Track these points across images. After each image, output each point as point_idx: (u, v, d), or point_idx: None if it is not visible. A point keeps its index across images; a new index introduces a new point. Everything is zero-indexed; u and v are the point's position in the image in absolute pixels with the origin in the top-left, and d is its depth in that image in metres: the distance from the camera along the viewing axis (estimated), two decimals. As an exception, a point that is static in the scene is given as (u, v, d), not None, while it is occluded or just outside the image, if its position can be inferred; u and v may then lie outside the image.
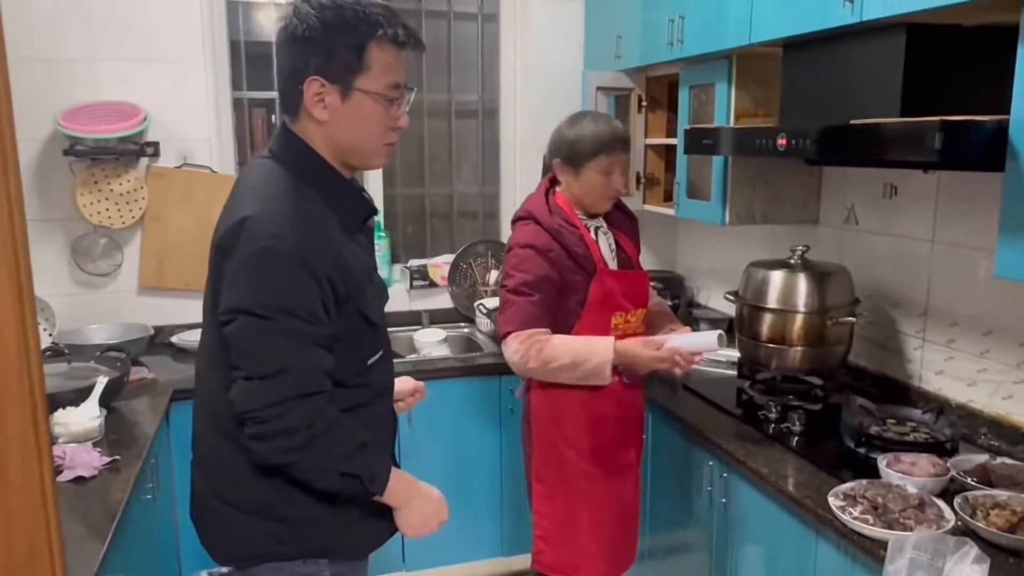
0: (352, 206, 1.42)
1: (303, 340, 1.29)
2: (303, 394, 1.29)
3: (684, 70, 2.59)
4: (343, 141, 1.37)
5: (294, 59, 1.32)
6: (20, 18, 2.56)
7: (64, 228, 2.73)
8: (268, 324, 1.26)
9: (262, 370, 1.27)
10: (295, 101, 1.34)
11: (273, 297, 1.26)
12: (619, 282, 1.99)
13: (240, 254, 1.27)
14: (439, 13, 3.24)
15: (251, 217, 1.27)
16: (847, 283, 2.19)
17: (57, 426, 1.89)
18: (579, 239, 1.95)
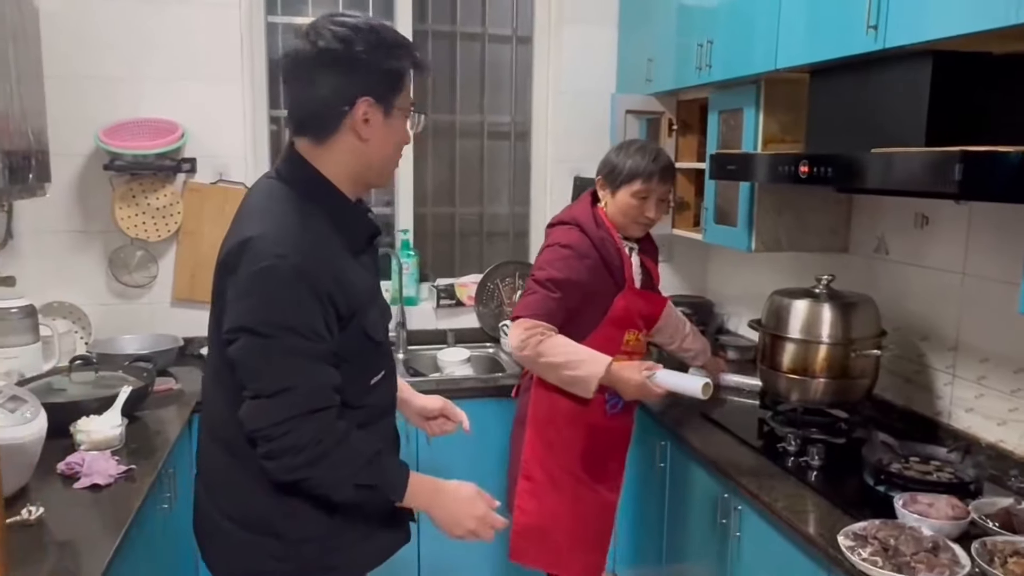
0: (356, 227, 1.44)
1: (307, 357, 1.30)
2: (310, 411, 1.30)
3: (714, 94, 2.57)
4: (377, 158, 1.40)
5: (341, 79, 1.33)
6: (69, 38, 2.67)
7: (103, 240, 2.82)
8: (271, 343, 1.28)
9: (267, 389, 1.29)
10: (333, 121, 1.35)
11: (276, 315, 1.28)
12: (642, 302, 2.11)
13: (243, 273, 1.29)
14: (474, 35, 3.27)
15: (255, 236, 1.29)
16: (873, 314, 2.13)
17: (79, 433, 1.93)
18: (617, 253, 2.06)
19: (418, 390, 2.65)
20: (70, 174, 2.75)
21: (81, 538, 1.55)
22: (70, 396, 2.10)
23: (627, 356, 2.08)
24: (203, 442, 1.50)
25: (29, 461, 1.70)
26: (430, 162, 3.29)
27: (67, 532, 1.57)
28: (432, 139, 3.29)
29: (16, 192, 2.31)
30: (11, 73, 2.21)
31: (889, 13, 1.65)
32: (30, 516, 1.57)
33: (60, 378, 2.22)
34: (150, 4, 2.74)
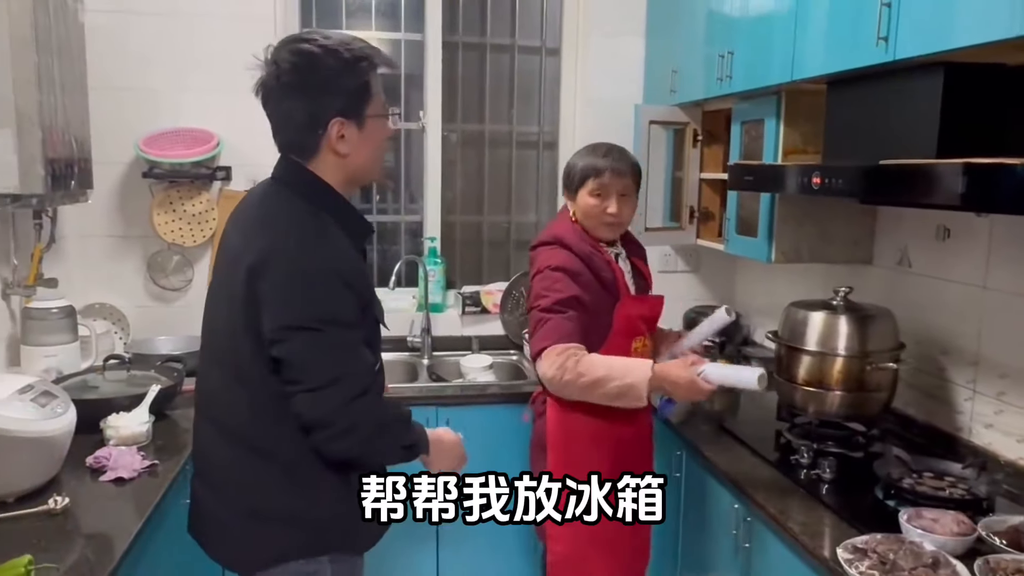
0: (356, 226, 1.55)
1: (351, 345, 1.44)
2: (362, 392, 1.44)
3: (737, 105, 2.57)
4: (361, 166, 1.52)
5: (311, 105, 1.43)
6: (113, 52, 2.79)
7: (141, 244, 2.93)
8: (320, 337, 1.40)
9: (323, 379, 1.41)
10: (312, 143, 1.47)
11: (320, 311, 1.40)
12: (641, 307, 2.08)
13: (278, 276, 1.39)
14: (503, 47, 3.32)
15: (282, 240, 1.41)
16: (891, 327, 2.11)
17: (109, 429, 2.02)
18: (607, 264, 2.04)
19: (441, 395, 2.75)
20: (112, 181, 2.87)
21: (102, 528, 1.63)
22: (102, 393, 2.19)
23: None
24: (212, 446, 1.56)
25: (58, 454, 1.78)
26: (459, 171, 3.35)
27: (89, 522, 1.65)
28: (461, 148, 3.34)
29: (59, 198, 2.43)
30: (56, 85, 2.33)
31: (899, 25, 1.64)
32: (56, 506, 1.65)
33: (95, 376, 2.32)
34: (188, 19, 2.85)
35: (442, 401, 2.73)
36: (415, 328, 3.13)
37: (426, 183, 3.25)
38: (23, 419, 1.67)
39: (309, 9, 3.12)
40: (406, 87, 3.26)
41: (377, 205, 3.39)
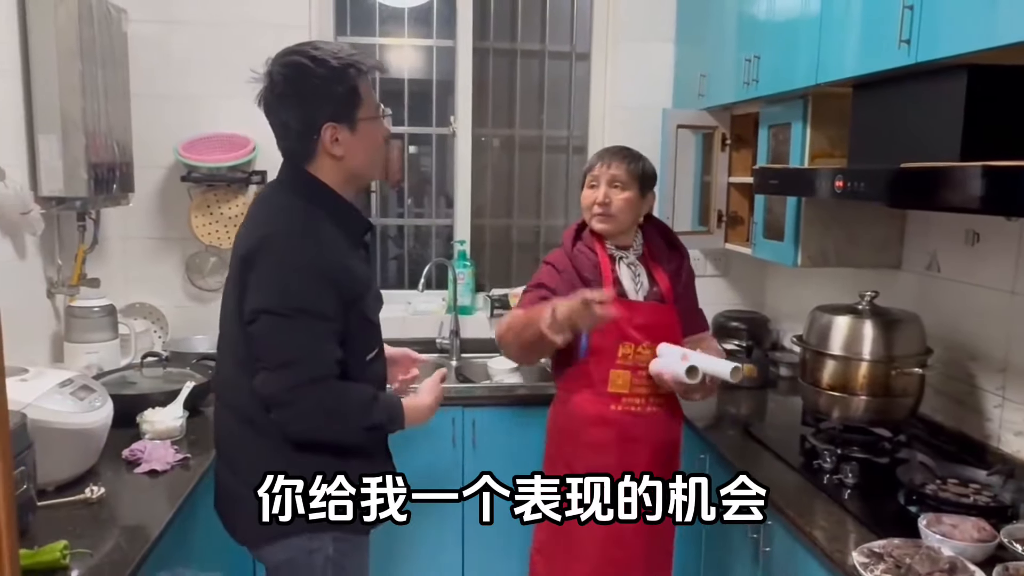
0: (353, 224, 1.66)
1: (316, 335, 1.53)
2: (311, 379, 1.52)
3: (764, 109, 2.57)
4: (357, 167, 1.63)
5: (303, 114, 1.56)
6: (154, 60, 2.89)
7: (180, 246, 3.02)
8: (285, 322, 1.51)
9: (279, 360, 1.52)
10: (309, 148, 1.59)
11: (293, 299, 1.51)
12: (628, 312, 2.00)
13: (262, 265, 1.52)
14: (533, 52, 3.36)
15: (271, 234, 1.53)
16: (917, 332, 2.09)
17: (144, 423, 2.10)
18: (594, 266, 2.04)
19: (469, 396, 2.78)
20: (153, 185, 2.96)
21: (135, 518, 1.69)
22: (139, 389, 2.28)
23: (630, 371, 2.01)
24: (224, 422, 1.70)
25: (95, 446, 1.86)
26: (489, 175, 3.39)
27: (123, 511, 1.72)
28: (491, 153, 3.38)
29: (101, 201, 2.52)
30: (99, 92, 2.43)
31: (921, 27, 1.63)
32: (92, 495, 1.72)
33: (133, 372, 2.40)
34: (226, 27, 2.94)
35: (469, 402, 2.76)
36: (444, 330, 3.18)
37: (456, 187, 3.30)
38: (62, 411, 1.74)
39: (343, 17, 3.20)
40: (437, 92, 3.31)
41: (410, 209, 3.45)
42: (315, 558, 1.61)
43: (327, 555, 1.62)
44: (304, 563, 1.61)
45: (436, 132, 3.32)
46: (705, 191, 3.01)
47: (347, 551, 1.64)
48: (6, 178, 2.13)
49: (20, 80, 2.26)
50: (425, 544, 2.73)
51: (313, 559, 1.61)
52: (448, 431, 2.70)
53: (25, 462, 1.56)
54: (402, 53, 3.34)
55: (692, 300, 2.19)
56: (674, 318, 2.08)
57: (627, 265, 2.07)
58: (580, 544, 2.04)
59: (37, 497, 1.65)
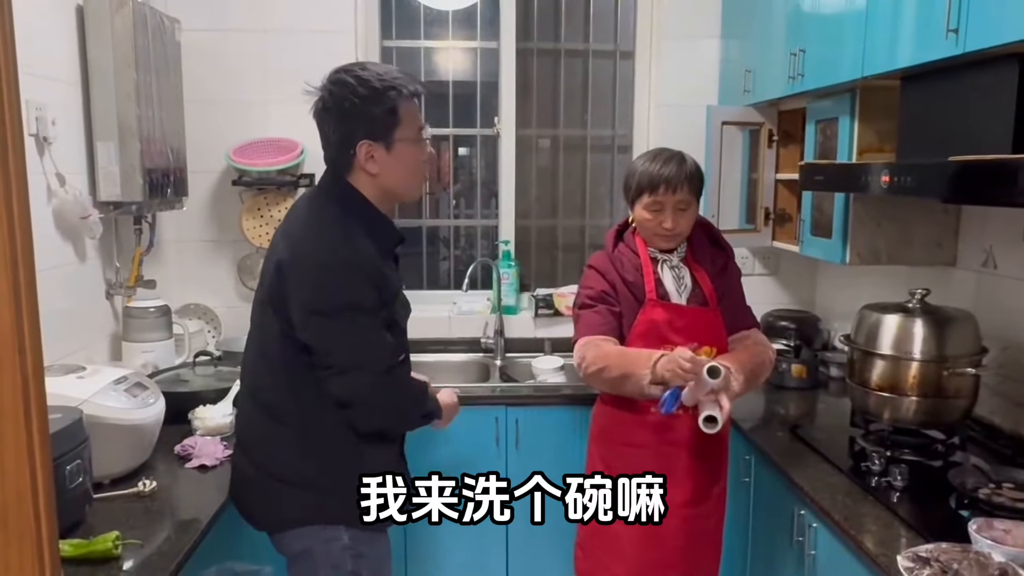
0: (386, 235, 1.71)
1: (371, 328, 1.60)
2: (385, 371, 1.61)
3: (811, 104, 2.52)
4: (392, 185, 1.68)
5: (342, 129, 1.63)
6: (207, 67, 2.97)
7: (232, 248, 3.11)
8: (339, 321, 1.57)
9: (348, 362, 1.58)
10: (347, 162, 1.65)
11: (339, 298, 1.57)
12: (670, 315, 1.98)
13: (304, 269, 1.57)
14: (577, 52, 3.35)
15: (311, 240, 1.60)
16: (971, 331, 2.02)
17: (196, 420, 2.16)
18: (636, 268, 2.01)
19: (512, 395, 2.79)
20: (206, 189, 3.06)
21: (184, 510, 1.75)
22: (191, 387, 2.35)
23: None
24: (244, 410, 1.77)
25: (148, 441, 1.93)
26: (534, 176, 3.39)
27: (173, 504, 1.78)
28: (536, 153, 3.39)
29: (156, 205, 2.61)
30: (154, 100, 2.51)
31: (969, 16, 1.58)
32: (144, 488, 1.79)
33: (186, 371, 2.48)
34: (275, 33, 3.01)
35: (513, 401, 2.77)
36: (488, 330, 3.20)
37: (500, 188, 3.31)
38: (116, 407, 1.81)
39: (389, 21, 3.24)
40: (482, 94, 3.33)
41: (454, 210, 3.48)
42: (332, 547, 1.66)
43: (344, 543, 1.66)
44: (322, 552, 1.66)
45: (481, 133, 3.34)
46: (752, 188, 2.96)
47: (364, 539, 1.68)
48: (66, 184, 2.22)
49: (80, 90, 2.36)
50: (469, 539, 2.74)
51: (331, 547, 1.66)
52: (491, 430, 2.72)
53: (81, 456, 1.63)
54: (447, 55, 3.37)
55: (738, 298, 2.14)
56: (717, 321, 2.05)
57: (670, 267, 2.05)
58: (618, 543, 2.03)
59: (93, 490, 1.72)
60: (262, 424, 1.69)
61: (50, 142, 2.17)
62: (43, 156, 2.17)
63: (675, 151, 2.04)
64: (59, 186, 2.21)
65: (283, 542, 1.71)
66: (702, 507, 2.07)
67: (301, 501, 1.66)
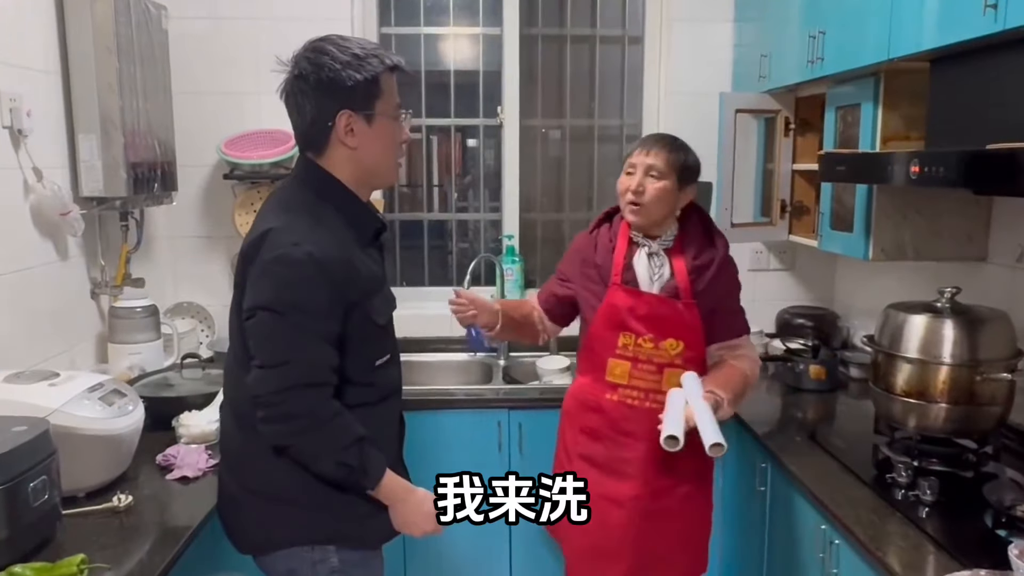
0: (365, 223, 1.60)
1: (311, 335, 1.45)
2: (307, 383, 1.45)
3: (831, 90, 2.37)
4: (371, 162, 1.56)
5: (320, 99, 1.49)
6: (201, 57, 2.86)
7: (226, 244, 3.00)
8: (280, 319, 1.44)
9: (272, 359, 1.45)
10: (323, 137, 1.52)
11: (288, 295, 1.44)
12: (632, 301, 1.94)
13: (261, 259, 1.45)
14: (584, 38, 3.21)
15: (273, 228, 1.46)
16: (1006, 332, 1.87)
17: (180, 427, 2.05)
18: (608, 252, 1.99)
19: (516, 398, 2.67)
20: (198, 183, 2.95)
21: (161, 528, 1.64)
22: (177, 391, 2.24)
23: (630, 362, 1.94)
24: (224, 421, 1.66)
25: (126, 451, 1.82)
26: (539, 168, 3.26)
27: (150, 520, 1.66)
28: (541, 144, 3.26)
29: (142, 200, 2.50)
30: (138, 91, 2.40)
31: (1010, -11, 1.44)
32: (119, 504, 1.68)
33: (174, 374, 2.37)
34: (268, 21, 2.89)
35: (516, 404, 2.65)
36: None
37: (504, 180, 3.19)
38: (90, 417, 1.70)
39: (387, 9, 3.11)
40: (484, 83, 3.20)
41: (457, 203, 3.35)
42: (320, 569, 1.55)
43: (332, 566, 1.55)
44: (309, 575, 1.55)
45: (484, 124, 3.21)
46: (767, 179, 2.82)
47: (356, 561, 1.58)
48: (43, 179, 2.11)
49: (59, 80, 2.25)
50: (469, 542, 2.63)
51: (318, 570, 1.55)
52: (493, 435, 2.60)
53: (48, 470, 1.52)
54: (448, 43, 3.24)
55: (726, 301, 2.01)
56: (690, 315, 1.93)
57: (648, 254, 1.97)
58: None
59: (65, 505, 1.61)
60: (241, 436, 1.57)
61: (25, 135, 2.06)
62: (18, 149, 2.06)
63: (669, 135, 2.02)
64: (36, 181, 2.11)
65: (267, 564, 1.60)
66: (659, 503, 1.96)
67: (286, 519, 1.55)
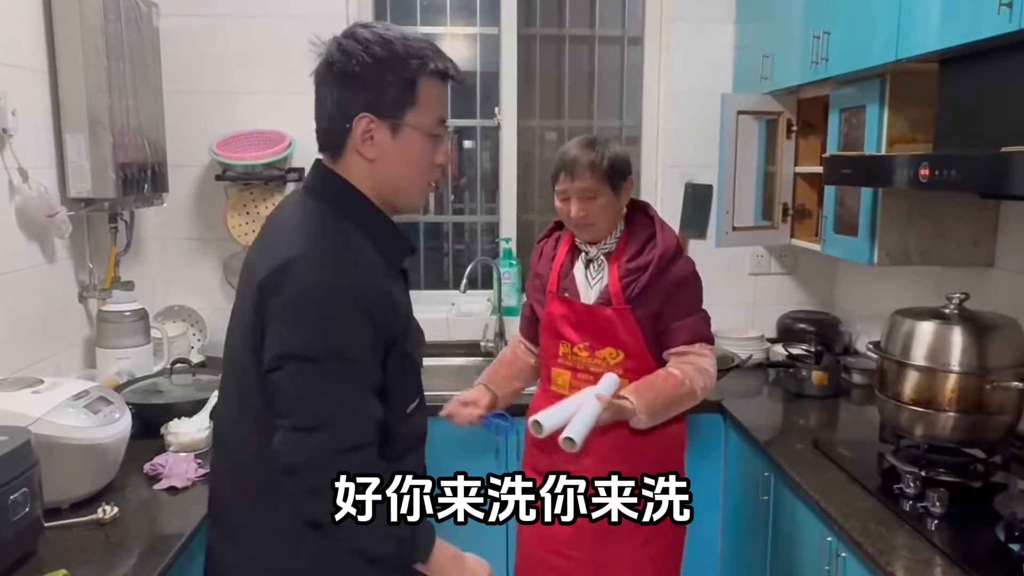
0: (394, 244, 1.36)
1: (355, 387, 1.23)
2: (353, 447, 1.22)
3: (835, 91, 2.33)
4: (390, 179, 1.31)
5: (342, 96, 1.26)
6: (193, 56, 2.81)
7: (218, 247, 2.94)
8: (318, 370, 1.20)
9: (309, 421, 1.20)
10: (340, 139, 1.29)
11: (326, 341, 1.19)
12: (566, 310, 1.93)
13: (288, 296, 1.20)
14: (583, 38, 3.17)
15: (298, 257, 1.21)
16: (1016, 340, 1.83)
17: (169, 435, 2.00)
18: (549, 261, 2.00)
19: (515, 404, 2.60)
20: (190, 184, 2.89)
21: (146, 541, 1.58)
22: (166, 398, 2.18)
23: (570, 372, 1.94)
24: (220, 479, 1.39)
25: (112, 460, 1.76)
26: (537, 169, 3.21)
27: (135, 533, 1.60)
28: (540, 146, 3.21)
29: (132, 202, 2.45)
30: (128, 90, 2.34)
31: (1026, -13, 1.40)
32: (104, 515, 1.62)
33: (163, 380, 2.32)
34: (263, 20, 2.84)
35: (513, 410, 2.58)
36: (488, 332, 3.03)
37: (501, 182, 3.14)
38: (74, 426, 1.65)
39: (383, 6, 3.07)
40: (482, 83, 3.15)
41: (454, 205, 3.30)
42: None
43: None
44: None
45: (481, 124, 3.17)
46: (769, 182, 2.78)
47: None
48: (29, 180, 2.06)
49: (47, 78, 2.20)
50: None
51: None
52: (490, 441, 2.55)
53: (29, 482, 1.46)
54: (444, 43, 3.18)
55: (671, 305, 1.88)
56: (626, 321, 1.86)
57: (586, 261, 1.94)
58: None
59: (48, 517, 1.56)
60: (257, 506, 1.30)
61: (10, 134, 2.00)
62: (3, 149, 2.00)
63: (602, 137, 1.91)
64: (22, 182, 2.05)
65: None
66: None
67: None
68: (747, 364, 2.75)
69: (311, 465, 1.20)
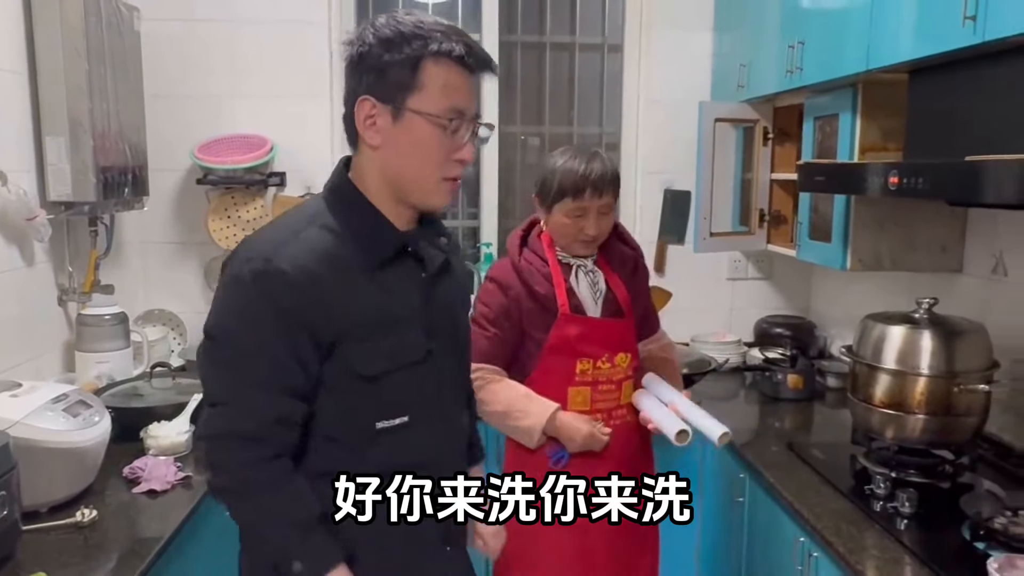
0: (375, 240, 1.25)
1: (248, 377, 1.18)
2: (240, 435, 1.18)
3: (809, 100, 2.38)
4: (396, 170, 1.23)
5: (349, 80, 1.23)
6: (175, 60, 2.81)
7: (199, 251, 2.94)
8: (217, 350, 1.21)
9: (210, 398, 1.23)
10: (351, 126, 1.25)
11: (230, 323, 1.19)
12: (583, 328, 1.86)
13: (223, 276, 1.24)
14: (563, 45, 3.20)
15: (246, 240, 1.25)
16: (983, 344, 1.88)
17: (148, 439, 2.00)
18: (546, 278, 1.86)
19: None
20: (171, 188, 2.89)
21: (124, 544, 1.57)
22: (145, 402, 2.18)
23: (590, 387, 1.88)
24: None
25: (91, 464, 1.76)
26: (518, 175, 3.24)
27: (114, 537, 1.60)
28: (521, 152, 3.24)
29: (112, 205, 2.44)
30: (108, 93, 2.34)
31: (989, 1, 1.44)
32: (83, 519, 1.62)
33: (143, 383, 2.32)
34: (245, 24, 2.85)
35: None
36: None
37: (482, 187, 3.16)
38: (53, 429, 1.65)
39: (365, 12, 3.08)
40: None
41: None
42: None
43: None
44: None
45: (462, 130, 3.18)
46: (746, 189, 2.82)
47: None
48: (8, 183, 2.06)
49: (26, 81, 2.20)
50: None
51: None
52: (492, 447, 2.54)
53: (8, 485, 1.46)
54: (427, 48, 3.21)
55: (646, 299, 2.04)
56: (630, 328, 1.95)
57: (585, 273, 1.90)
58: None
59: (26, 520, 1.56)
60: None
61: (-10, 137, 2.01)
62: (-19, 152, 2.00)
63: (593, 149, 1.87)
64: (0, 184, 2.05)
65: None
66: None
67: None
68: (724, 368, 2.79)
69: (210, 442, 1.23)
